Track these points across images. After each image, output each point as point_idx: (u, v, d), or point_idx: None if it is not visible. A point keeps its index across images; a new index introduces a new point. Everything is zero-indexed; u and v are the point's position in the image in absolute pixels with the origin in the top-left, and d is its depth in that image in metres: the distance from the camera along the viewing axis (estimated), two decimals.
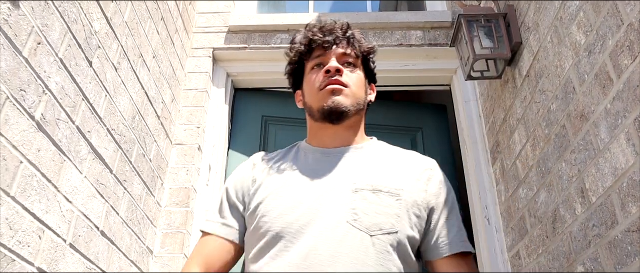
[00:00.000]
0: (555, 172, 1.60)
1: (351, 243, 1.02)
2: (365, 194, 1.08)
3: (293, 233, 1.06)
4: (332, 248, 1.01)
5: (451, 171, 2.66)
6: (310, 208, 1.08)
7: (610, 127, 1.28)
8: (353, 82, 1.20)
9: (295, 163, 1.20)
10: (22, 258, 1.22)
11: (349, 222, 1.04)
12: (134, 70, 1.92)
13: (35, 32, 1.29)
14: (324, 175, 1.14)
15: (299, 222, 1.06)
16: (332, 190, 1.10)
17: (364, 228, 1.04)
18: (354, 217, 1.05)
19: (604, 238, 1.31)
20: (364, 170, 1.14)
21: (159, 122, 2.19)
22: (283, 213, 1.09)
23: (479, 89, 2.52)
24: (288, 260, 1.03)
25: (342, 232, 1.03)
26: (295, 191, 1.12)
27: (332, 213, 1.06)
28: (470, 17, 2.03)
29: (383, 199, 1.07)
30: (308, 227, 1.05)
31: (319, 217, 1.06)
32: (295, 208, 1.09)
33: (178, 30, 2.48)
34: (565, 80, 1.54)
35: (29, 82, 1.25)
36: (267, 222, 1.09)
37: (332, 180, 1.12)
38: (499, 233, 2.18)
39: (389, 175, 1.13)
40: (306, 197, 1.10)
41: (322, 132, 1.22)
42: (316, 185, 1.12)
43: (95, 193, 1.60)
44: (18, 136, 1.21)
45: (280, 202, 1.11)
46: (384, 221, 1.05)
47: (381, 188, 1.09)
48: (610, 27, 1.29)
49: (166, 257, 2.11)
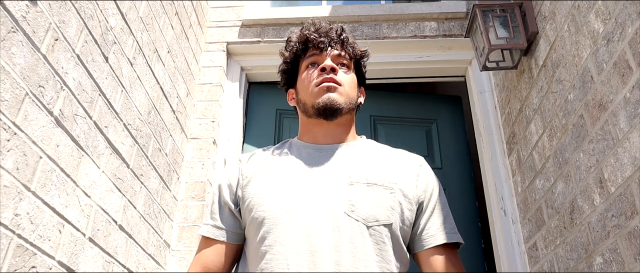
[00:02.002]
0: (573, 162, 1.59)
1: (350, 233, 1.05)
2: (361, 187, 1.11)
3: (291, 221, 1.07)
4: (333, 237, 1.04)
5: (467, 163, 2.65)
6: (308, 198, 1.10)
7: (630, 117, 1.26)
8: (346, 82, 1.24)
9: (288, 157, 1.22)
10: (43, 252, 1.24)
11: (347, 213, 1.07)
12: (149, 65, 1.93)
13: (53, 28, 1.30)
14: (319, 168, 1.16)
15: (297, 210, 1.08)
16: (328, 182, 1.13)
17: (362, 218, 1.07)
18: (351, 207, 1.07)
19: (623, 228, 1.30)
20: (358, 164, 1.17)
21: (175, 116, 2.21)
22: (280, 202, 1.10)
23: (495, 79, 2.50)
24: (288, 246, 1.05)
25: (341, 222, 1.06)
26: (291, 182, 1.14)
27: (329, 203, 1.09)
28: (485, 7, 2.01)
29: (378, 192, 1.11)
30: (307, 216, 1.07)
31: (317, 206, 1.08)
32: (293, 197, 1.11)
33: (192, 25, 2.49)
34: (583, 70, 1.52)
35: (47, 78, 1.27)
36: (265, 211, 1.10)
37: (328, 173, 1.15)
38: (515, 225, 2.16)
39: (382, 170, 1.16)
40: (303, 188, 1.12)
41: (315, 129, 1.25)
42: (312, 177, 1.14)
43: (113, 188, 1.62)
44: (37, 132, 1.23)
45: (276, 192, 1.13)
46: (379, 213, 1.08)
47: (376, 182, 1.12)
48: (629, 14, 1.27)
49: (183, 251, 2.13)
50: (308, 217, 1.07)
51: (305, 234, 1.05)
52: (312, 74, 1.24)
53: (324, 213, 1.07)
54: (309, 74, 1.25)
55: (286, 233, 1.06)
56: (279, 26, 2.75)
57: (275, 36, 2.72)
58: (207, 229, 1.20)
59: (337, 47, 1.27)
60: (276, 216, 1.09)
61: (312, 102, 1.20)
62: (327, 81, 1.19)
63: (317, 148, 1.22)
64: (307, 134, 1.27)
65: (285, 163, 1.20)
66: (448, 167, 2.63)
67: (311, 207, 1.08)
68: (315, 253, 1.02)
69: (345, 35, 1.29)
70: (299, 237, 1.05)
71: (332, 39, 1.27)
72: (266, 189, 1.14)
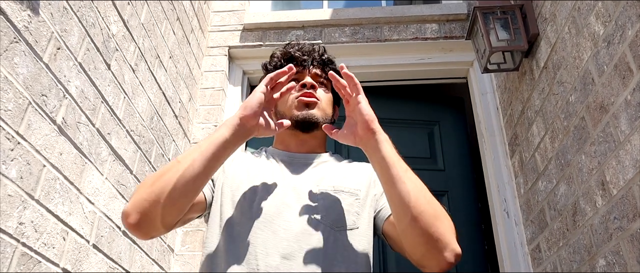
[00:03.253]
0: (575, 164, 1.59)
1: (318, 237, 1.08)
2: (329, 194, 1.17)
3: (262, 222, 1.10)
4: (303, 240, 1.07)
5: (469, 164, 2.65)
6: (278, 202, 1.14)
7: (631, 119, 1.27)
8: (324, 99, 1.31)
9: (262, 163, 1.28)
10: (47, 260, 1.25)
11: (316, 218, 1.11)
12: (152, 71, 1.94)
13: (55, 37, 1.31)
14: (290, 174, 1.22)
15: (267, 213, 1.12)
16: (298, 188, 1.18)
17: (330, 223, 1.11)
18: (321, 213, 1.12)
19: (625, 231, 1.30)
20: (326, 173, 1.23)
21: (177, 121, 2.21)
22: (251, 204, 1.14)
23: (496, 81, 2.50)
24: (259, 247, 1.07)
25: (311, 227, 1.10)
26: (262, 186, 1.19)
27: (299, 208, 1.13)
28: (486, 10, 2.02)
29: (344, 198, 1.16)
30: (277, 218, 1.11)
31: (286, 211, 1.12)
32: (262, 200, 1.15)
33: (194, 29, 2.50)
34: (584, 72, 1.52)
35: (50, 87, 1.28)
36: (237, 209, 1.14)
37: (298, 180, 1.21)
38: (518, 227, 2.16)
39: (347, 178, 1.23)
40: (273, 192, 1.17)
41: (290, 139, 1.31)
42: (282, 182, 1.20)
43: (117, 194, 1.63)
44: (41, 141, 1.23)
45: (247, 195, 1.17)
46: (347, 218, 1.13)
47: (342, 189, 1.18)
48: (629, 17, 1.27)
49: (187, 255, 2.14)
50: (278, 219, 1.10)
51: (275, 236, 1.08)
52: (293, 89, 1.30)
53: (293, 217, 1.11)
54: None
55: (256, 233, 1.09)
56: (280, 30, 2.75)
57: (277, 40, 2.72)
58: None
59: (318, 67, 1.34)
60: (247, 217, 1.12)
61: (291, 115, 1.26)
62: (306, 96, 1.26)
63: (290, 156, 1.29)
64: (283, 143, 1.33)
65: (261, 168, 1.25)
66: (450, 169, 2.63)
67: (282, 211, 1.12)
68: (286, 255, 1.05)
69: (326, 56, 1.36)
70: (268, 239, 1.08)
71: (314, 58, 1.34)
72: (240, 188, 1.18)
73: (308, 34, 2.73)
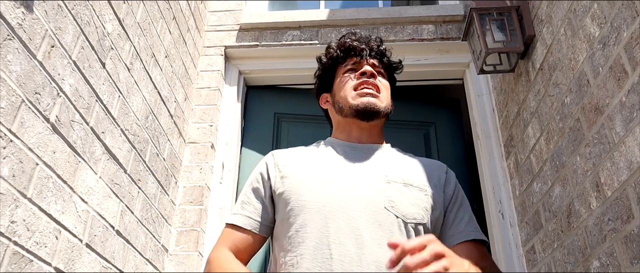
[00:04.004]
0: (570, 166, 1.59)
1: (390, 228, 1.06)
2: (398, 186, 1.14)
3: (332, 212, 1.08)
4: (374, 231, 1.05)
5: (464, 166, 2.65)
6: (347, 191, 1.11)
7: (626, 121, 1.27)
8: (385, 88, 1.30)
9: (323, 153, 1.25)
10: (39, 259, 1.24)
11: (387, 208, 1.09)
12: (147, 70, 1.94)
13: (49, 35, 1.30)
14: (356, 164, 1.19)
15: (337, 202, 1.09)
16: (366, 178, 1.15)
17: (401, 215, 1.09)
18: (391, 203, 1.09)
19: (619, 232, 1.30)
20: (393, 165, 1.20)
21: (172, 121, 2.21)
22: (320, 194, 1.11)
23: (492, 82, 2.50)
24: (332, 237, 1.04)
25: (381, 216, 1.07)
26: (329, 176, 1.16)
27: (369, 197, 1.10)
28: (482, 11, 2.02)
29: (414, 192, 1.14)
30: (347, 208, 1.08)
31: (357, 200, 1.09)
32: (332, 189, 1.12)
33: (190, 29, 2.50)
34: (580, 73, 1.52)
35: (43, 85, 1.27)
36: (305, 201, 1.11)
37: (365, 170, 1.18)
38: (513, 228, 2.16)
39: (415, 172, 1.20)
40: (341, 182, 1.14)
41: (350, 128, 1.29)
42: (349, 172, 1.17)
43: (110, 193, 1.62)
44: (34, 139, 1.23)
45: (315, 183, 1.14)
46: (416, 212, 1.11)
47: (411, 183, 1.16)
48: (625, 18, 1.27)
49: (181, 255, 2.13)
50: (348, 209, 1.08)
51: (348, 226, 1.06)
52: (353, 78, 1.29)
53: (364, 207, 1.08)
54: (349, 77, 1.30)
55: (328, 223, 1.06)
56: (277, 30, 2.75)
57: (273, 40, 2.72)
58: (238, 218, 1.21)
59: (375, 58, 1.33)
60: (316, 206, 1.09)
61: (352, 104, 1.24)
62: (368, 85, 1.25)
63: (353, 146, 1.26)
64: (343, 133, 1.30)
65: (322, 158, 1.22)
66: None
67: (351, 200, 1.09)
68: (361, 245, 1.03)
69: (384, 47, 1.36)
70: (341, 228, 1.05)
71: (372, 48, 1.33)
72: (305, 180, 1.16)
73: (304, 34, 2.73)
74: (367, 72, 1.26)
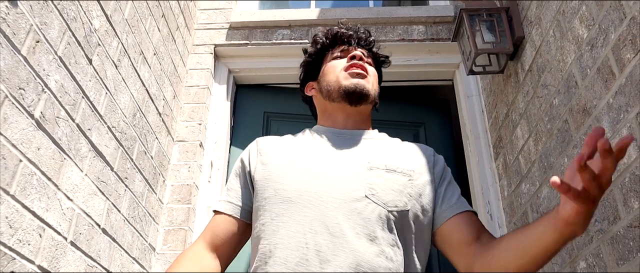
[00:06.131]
0: (558, 167, 1.59)
1: (370, 216, 1.04)
2: (380, 172, 1.11)
3: (310, 201, 1.06)
4: (351, 219, 1.03)
5: (453, 167, 2.65)
6: (327, 178, 1.09)
7: (613, 122, 1.27)
8: (373, 76, 1.28)
9: (306, 140, 1.23)
10: (22, 257, 1.22)
11: (368, 196, 1.06)
12: (135, 68, 1.92)
13: (34, 30, 1.28)
14: (338, 151, 1.17)
15: (314, 190, 1.07)
16: (348, 164, 1.12)
17: (382, 203, 1.06)
18: (371, 191, 1.07)
19: (606, 233, 1.30)
20: (377, 151, 1.18)
21: (161, 119, 2.19)
22: (297, 182, 1.09)
23: (482, 83, 2.50)
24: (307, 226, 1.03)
25: (361, 204, 1.05)
26: (309, 163, 1.13)
27: (349, 185, 1.08)
28: (472, 12, 2.02)
29: (397, 178, 1.11)
30: (326, 196, 1.06)
31: (336, 187, 1.07)
32: (311, 177, 1.10)
33: (179, 27, 2.48)
34: (568, 75, 1.53)
35: (28, 80, 1.25)
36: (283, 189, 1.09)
37: (347, 156, 1.15)
38: (501, 229, 2.17)
39: (399, 157, 1.17)
40: (321, 169, 1.12)
41: (337, 113, 1.26)
42: (331, 159, 1.14)
43: (96, 191, 1.60)
44: (17, 135, 1.21)
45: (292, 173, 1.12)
46: (398, 199, 1.08)
47: (395, 168, 1.12)
48: (612, 20, 1.28)
49: (169, 254, 2.11)
50: (326, 197, 1.06)
51: (325, 215, 1.03)
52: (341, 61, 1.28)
53: (343, 195, 1.06)
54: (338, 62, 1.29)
55: (304, 212, 1.05)
56: (266, 29, 2.74)
57: (263, 39, 2.71)
58: (221, 204, 1.21)
59: (364, 48, 1.32)
60: (293, 195, 1.07)
61: (340, 85, 1.22)
62: (357, 67, 1.23)
63: (337, 132, 1.23)
64: (329, 119, 1.28)
65: (304, 145, 1.20)
66: None
67: (330, 188, 1.07)
68: (335, 233, 1.01)
69: (372, 38, 1.35)
70: (317, 217, 1.03)
71: (361, 37, 1.32)
72: (283, 167, 1.14)
73: (295, 33, 2.72)
74: (357, 56, 1.24)
